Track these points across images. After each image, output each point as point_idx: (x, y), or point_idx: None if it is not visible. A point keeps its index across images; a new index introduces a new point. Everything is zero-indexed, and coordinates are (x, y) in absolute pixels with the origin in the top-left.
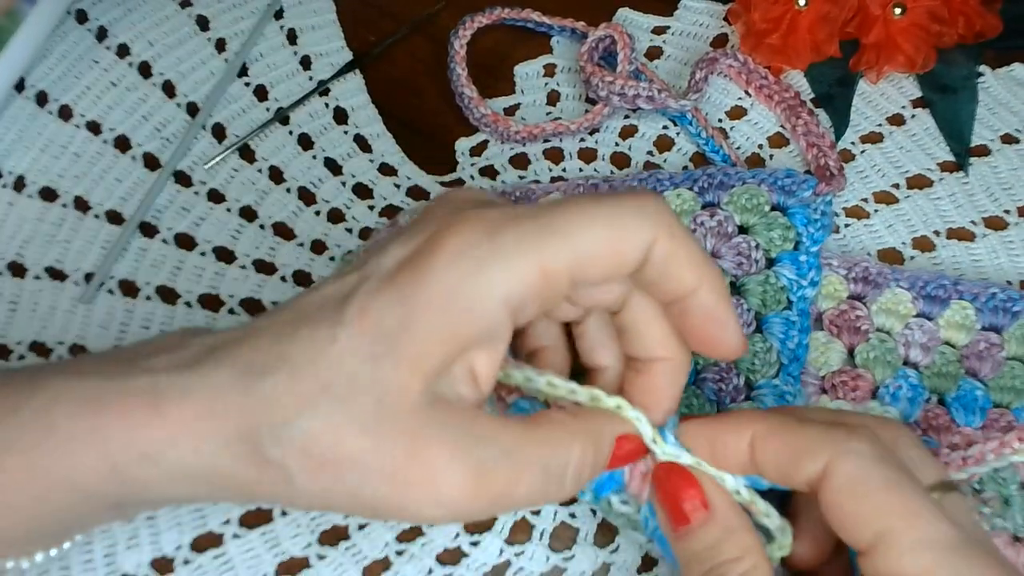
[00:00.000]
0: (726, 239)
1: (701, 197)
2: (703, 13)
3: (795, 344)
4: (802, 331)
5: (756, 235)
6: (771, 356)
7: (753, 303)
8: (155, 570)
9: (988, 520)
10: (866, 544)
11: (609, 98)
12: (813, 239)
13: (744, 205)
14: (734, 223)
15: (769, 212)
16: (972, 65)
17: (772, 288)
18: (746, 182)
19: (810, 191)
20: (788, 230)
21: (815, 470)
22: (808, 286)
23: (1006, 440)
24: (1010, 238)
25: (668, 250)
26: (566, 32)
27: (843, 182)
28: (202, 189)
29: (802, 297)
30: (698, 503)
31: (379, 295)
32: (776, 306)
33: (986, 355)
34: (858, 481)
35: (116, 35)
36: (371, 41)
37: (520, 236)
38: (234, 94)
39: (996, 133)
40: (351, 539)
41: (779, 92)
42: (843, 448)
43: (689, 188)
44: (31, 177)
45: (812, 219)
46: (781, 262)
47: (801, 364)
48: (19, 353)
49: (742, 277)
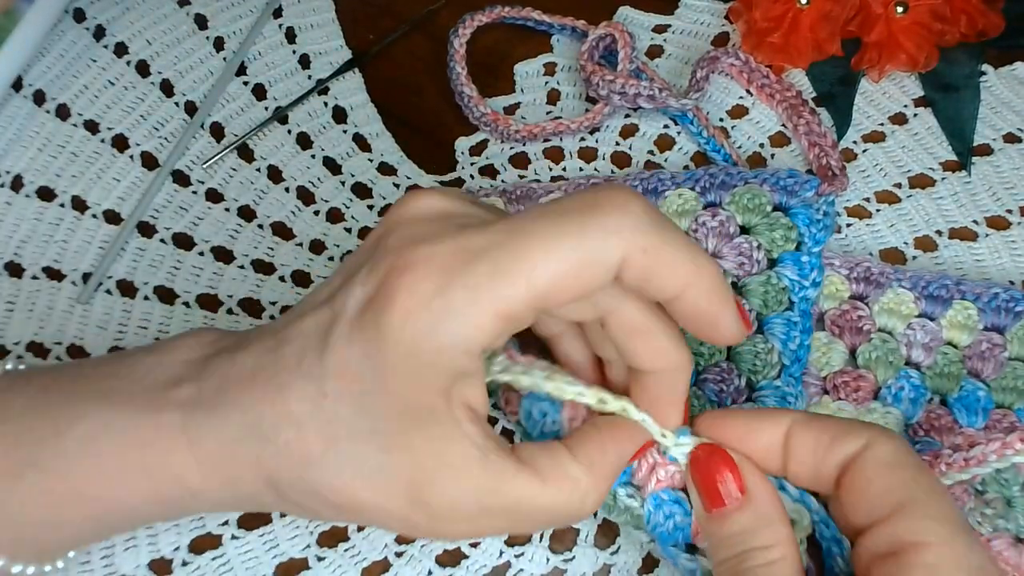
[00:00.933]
0: (728, 239)
1: (703, 197)
2: (704, 11)
3: (797, 345)
4: (804, 332)
5: (758, 235)
6: (772, 357)
7: (755, 303)
8: (153, 572)
9: (991, 521)
10: (887, 512)
11: (610, 97)
12: (815, 239)
13: (746, 205)
14: (736, 223)
15: (771, 212)
16: (974, 64)
17: (774, 289)
18: (748, 182)
19: (812, 191)
20: (790, 230)
21: (855, 448)
22: (810, 287)
23: (1008, 441)
24: (1012, 238)
25: (642, 265)
26: (566, 31)
27: (845, 182)
28: (200, 188)
29: (804, 298)
30: (735, 487)
31: (350, 344)
32: (778, 307)
33: (988, 355)
34: (898, 457)
35: (114, 34)
36: (370, 40)
37: (472, 285)
38: (232, 93)
39: (998, 132)
40: (350, 540)
41: (780, 91)
42: (882, 432)
43: (691, 188)
44: (28, 176)
45: (814, 219)
46: (783, 262)
47: (803, 365)
48: (16, 353)
49: (744, 277)
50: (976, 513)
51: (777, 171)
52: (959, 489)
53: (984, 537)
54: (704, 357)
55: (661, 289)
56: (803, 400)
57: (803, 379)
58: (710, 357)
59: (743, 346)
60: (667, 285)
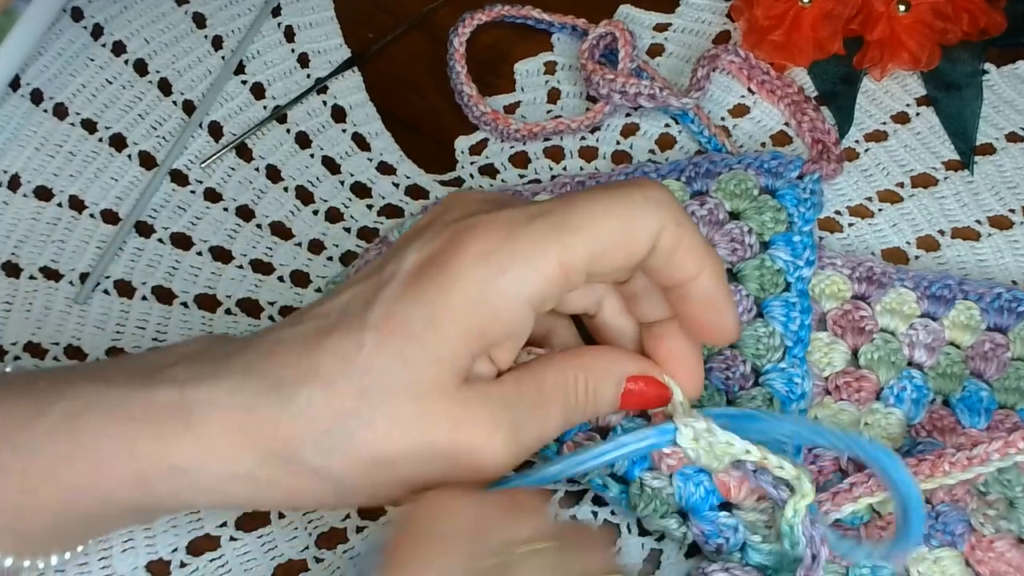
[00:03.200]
0: (719, 227)
1: (689, 186)
2: (705, 10)
3: (798, 325)
4: (803, 312)
5: (748, 220)
6: (775, 340)
7: (751, 288)
8: (151, 574)
9: (993, 522)
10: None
11: (610, 96)
12: (805, 218)
13: (733, 191)
14: (725, 210)
15: (758, 196)
16: (977, 63)
17: (768, 271)
18: (732, 168)
19: (797, 171)
20: (779, 212)
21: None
22: (804, 266)
23: (1012, 440)
24: (1015, 237)
25: (674, 237)
26: (567, 29)
27: (839, 169)
28: (198, 188)
29: (799, 278)
30: None
31: (402, 298)
32: (775, 289)
33: (991, 356)
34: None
35: (111, 33)
36: (370, 38)
37: (537, 235)
38: (231, 92)
39: (1001, 131)
40: (349, 542)
41: (782, 88)
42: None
43: (676, 178)
44: (26, 176)
45: (802, 199)
46: (775, 244)
47: (806, 345)
48: (14, 354)
49: (738, 263)
50: (979, 514)
51: (760, 154)
52: (961, 489)
53: (987, 538)
54: (707, 347)
55: (684, 265)
56: (810, 379)
57: None
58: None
59: (745, 331)
60: (689, 262)
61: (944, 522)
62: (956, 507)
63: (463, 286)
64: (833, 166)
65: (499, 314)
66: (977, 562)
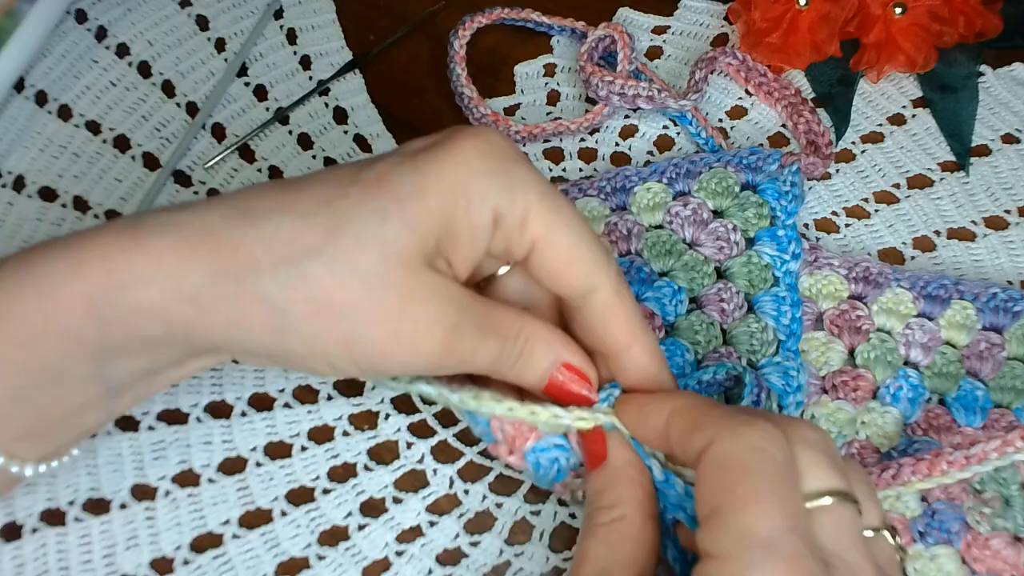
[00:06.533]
0: (703, 226)
1: (671, 188)
2: (703, 13)
3: (789, 319)
4: (793, 305)
5: (731, 217)
6: (768, 335)
7: (741, 285)
8: (155, 570)
9: (989, 520)
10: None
11: (609, 98)
12: (787, 212)
13: (714, 189)
14: (708, 209)
15: (740, 192)
16: (973, 65)
17: (756, 267)
18: (712, 166)
19: (776, 164)
20: (762, 207)
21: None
22: (791, 259)
23: (1009, 439)
24: (1011, 238)
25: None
26: (566, 32)
27: (826, 164)
28: (202, 189)
29: (787, 271)
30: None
31: (400, 167)
32: (763, 284)
33: (987, 355)
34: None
35: (116, 35)
36: (371, 41)
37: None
38: (234, 94)
39: (997, 133)
40: (351, 539)
41: (779, 90)
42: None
43: (658, 180)
44: (30, 177)
45: (783, 192)
46: (760, 240)
47: (798, 338)
48: None
49: (725, 261)
50: (975, 512)
51: (739, 151)
52: (958, 488)
53: (983, 536)
54: (702, 345)
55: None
56: (804, 371)
57: None
58: (707, 344)
59: (738, 328)
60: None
61: (940, 520)
62: (952, 505)
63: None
64: (813, 159)
65: (472, 209)
66: (973, 560)
